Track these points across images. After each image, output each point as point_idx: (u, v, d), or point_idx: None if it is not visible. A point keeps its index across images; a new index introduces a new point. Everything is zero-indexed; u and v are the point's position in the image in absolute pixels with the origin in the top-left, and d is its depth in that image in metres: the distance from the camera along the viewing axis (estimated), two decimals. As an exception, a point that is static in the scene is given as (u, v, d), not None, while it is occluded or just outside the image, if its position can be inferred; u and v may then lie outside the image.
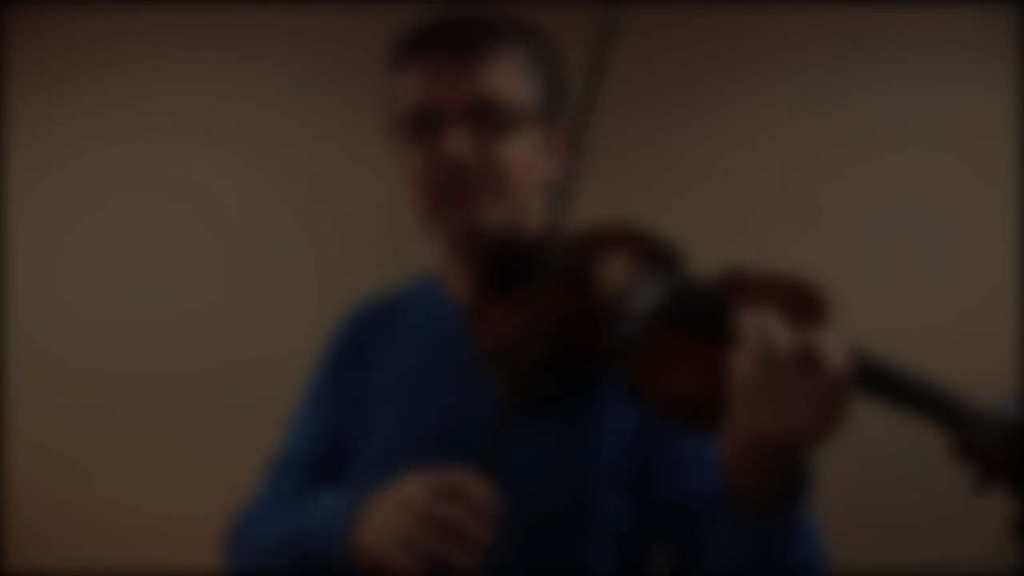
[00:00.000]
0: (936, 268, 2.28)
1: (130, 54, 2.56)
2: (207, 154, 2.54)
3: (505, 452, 0.93)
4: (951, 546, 2.02)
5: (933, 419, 0.79)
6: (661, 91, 2.38)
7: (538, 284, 0.91)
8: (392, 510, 0.89)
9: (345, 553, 0.94)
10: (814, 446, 0.79)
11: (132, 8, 2.53)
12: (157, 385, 2.49)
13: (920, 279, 2.28)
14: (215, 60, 2.56)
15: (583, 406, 0.98)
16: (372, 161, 2.38)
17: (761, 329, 0.79)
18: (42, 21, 2.57)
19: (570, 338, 0.92)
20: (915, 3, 2.30)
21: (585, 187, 1.14)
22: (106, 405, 2.50)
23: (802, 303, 0.84)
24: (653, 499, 0.99)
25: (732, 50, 2.37)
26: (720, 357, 0.82)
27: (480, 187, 1.02)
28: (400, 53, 1.08)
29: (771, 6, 2.34)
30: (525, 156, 1.05)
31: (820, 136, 2.35)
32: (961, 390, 0.77)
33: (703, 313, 0.87)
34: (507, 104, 1.03)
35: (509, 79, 1.04)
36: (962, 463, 0.76)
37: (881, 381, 0.79)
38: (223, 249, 2.52)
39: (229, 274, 2.52)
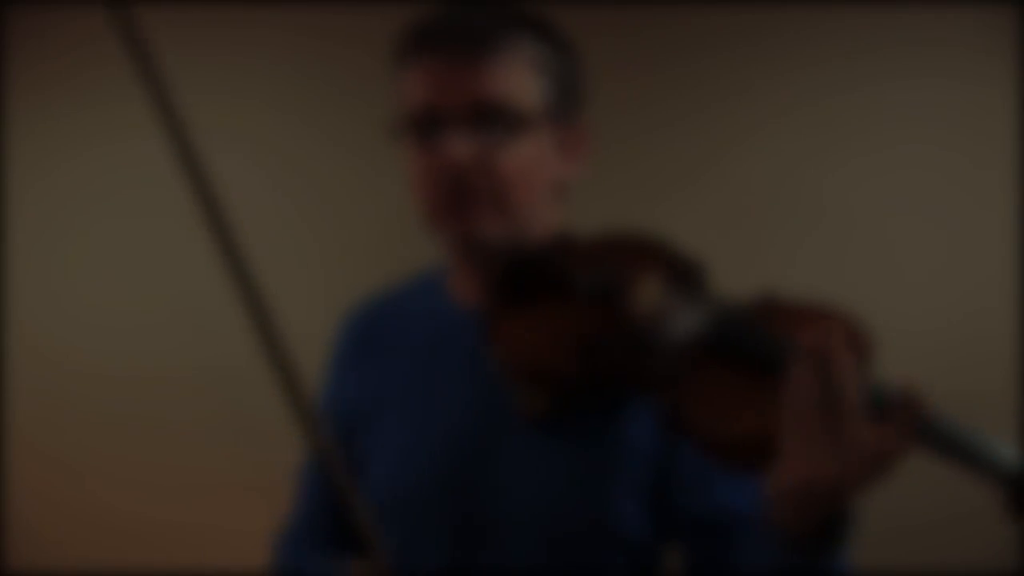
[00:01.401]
0: (936, 268, 2.28)
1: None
2: (208, 153, 2.54)
3: (527, 465, 0.93)
4: (951, 546, 2.02)
5: (983, 477, 0.76)
6: (661, 90, 2.38)
7: (568, 301, 0.88)
8: None
9: None
10: (865, 490, 0.77)
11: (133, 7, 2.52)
12: (157, 387, 2.49)
13: (920, 279, 2.28)
14: (216, 59, 2.56)
15: (608, 423, 0.96)
16: (376, 160, 2.38)
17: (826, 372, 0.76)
18: (42, 21, 2.57)
19: (600, 359, 0.88)
20: (915, 2, 2.29)
21: (586, 186, 1.13)
22: (106, 407, 2.50)
23: (851, 341, 0.79)
24: (676, 512, 0.97)
25: (732, 49, 2.37)
26: (768, 394, 0.79)
27: (481, 195, 0.98)
28: (405, 49, 1.04)
29: (771, 5, 2.34)
30: (531, 160, 1.00)
31: (819, 135, 2.35)
32: (960, 392, 0.76)
33: (755, 347, 0.83)
34: (513, 107, 0.98)
35: (516, 80, 0.99)
36: (1014, 521, 0.75)
37: (941, 437, 0.77)
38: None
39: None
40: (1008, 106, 2.27)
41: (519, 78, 0.99)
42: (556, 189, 1.05)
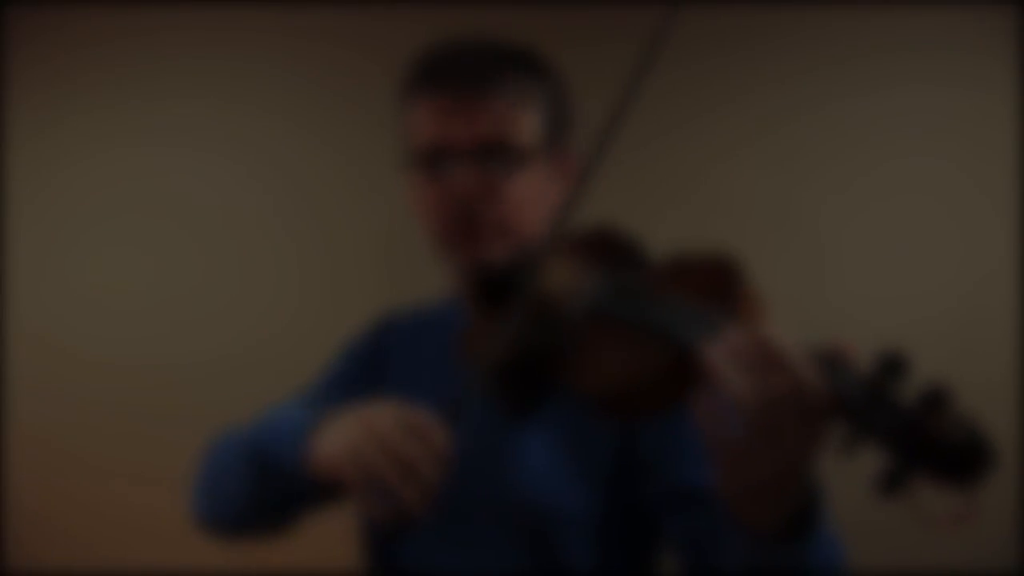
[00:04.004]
0: (935, 275, 2.28)
1: (131, 56, 2.56)
2: (207, 156, 2.54)
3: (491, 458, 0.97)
4: (951, 546, 2.02)
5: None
6: (654, 96, 2.37)
7: (515, 299, 0.93)
8: (356, 427, 0.92)
9: (299, 457, 0.97)
10: (809, 464, 0.75)
11: (133, 9, 2.53)
12: (160, 383, 2.49)
13: (919, 286, 2.28)
14: (217, 63, 2.56)
15: (561, 408, 0.98)
16: (374, 170, 2.38)
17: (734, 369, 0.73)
18: (42, 22, 2.57)
19: (527, 345, 0.93)
20: (913, 5, 2.29)
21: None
22: (107, 403, 2.50)
23: (718, 283, 0.82)
24: (650, 491, 1.01)
25: (725, 55, 2.36)
26: (637, 351, 0.82)
27: (490, 224, 1.06)
28: (409, 87, 1.11)
29: (764, 10, 2.33)
30: (532, 188, 1.08)
31: (816, 141, 2.35)
32: (961, 399, 0.73)
33: (631, 314, 0.87)
34: (514, 142, 1.07)
35: (516, 116, 1.07)
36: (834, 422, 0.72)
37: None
38: (224, 247, 2.53)
39: (231, 272, 2.52)
40: (1008, 110, 2.27)
41: (518, 114, 1.08)
42: (551, 209, 1.12)
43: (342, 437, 0.93)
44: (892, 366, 0.70)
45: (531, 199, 1.08)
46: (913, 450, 0.67)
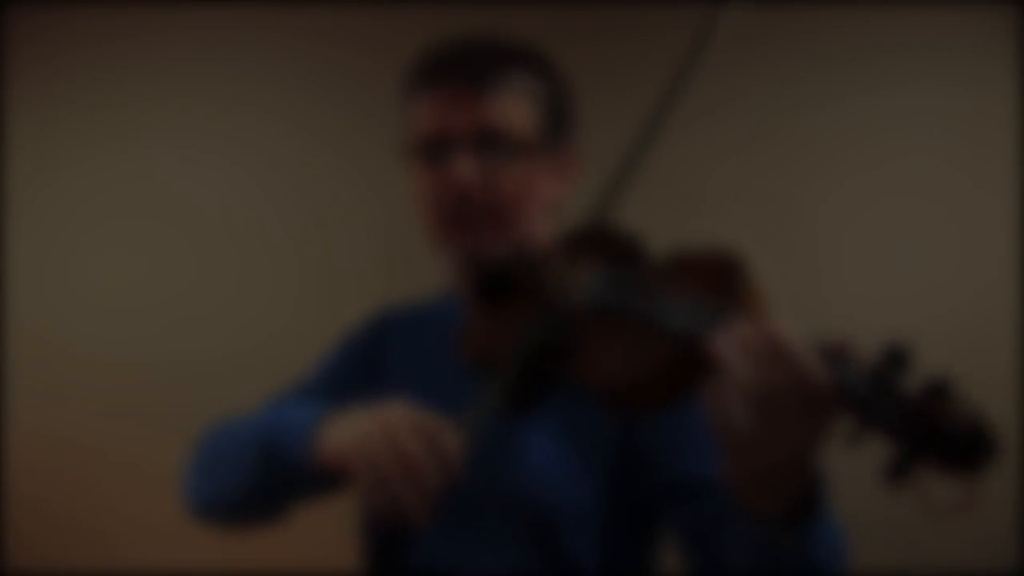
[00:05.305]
0: (935, 275, 2.27)
1: (131, 56, 2.56)
2: (207, 157, 2.54)
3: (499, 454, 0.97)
4: (951, 546, 2.02)
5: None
6: (651, 99, 2.38)
7: (518, 296, 0.94)
8: (368, 422, 0.94)
9: (307, 444, 0.99)
10: (814, 453, 0.76)
11: (133, 9, 2.53)
12: (159, 382, 2.49)
13: (919, 286, 2.27)
14: (217, 63, 2.56)
15: (563, 403, 0.99)
16: (374, 171, 2.38)
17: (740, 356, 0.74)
18: (42, 22, 2.57)
19: (528, 340, 0.94)
20: (913, 5, 2.29)
21: (582, 194, 1.16)
22: (107, 402, 2.50)
23: (721, 278, 0.83)
24: (653, 483, 1.02)
25: (725, 55, 2.35)
26: (640, 345, 0.83)
27: (485, 213, 1.08)
28: (413, 81, 1.13)
29: (764, 10, 2.32)
30: (528, 181, 1.10)
31: (816, 141, 2.35)
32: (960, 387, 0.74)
33: (633, 308, 0.87)
34: (511, 133, 1.09)
35: (514, 108, 1.10)
36: (841, 416, 0.73)
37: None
38: (224, 247, 2.53)
39: (231, 271, 2.52)
40: (1008, 110, 2.26)
41: (516, 108, 1.10)
42: (549, 208, 1.14)
43: (353, 429, 0.95)
44: (895, 358, 0.71)
45: (526, 191, 1.10)
46: (917, 439, 0.68)
